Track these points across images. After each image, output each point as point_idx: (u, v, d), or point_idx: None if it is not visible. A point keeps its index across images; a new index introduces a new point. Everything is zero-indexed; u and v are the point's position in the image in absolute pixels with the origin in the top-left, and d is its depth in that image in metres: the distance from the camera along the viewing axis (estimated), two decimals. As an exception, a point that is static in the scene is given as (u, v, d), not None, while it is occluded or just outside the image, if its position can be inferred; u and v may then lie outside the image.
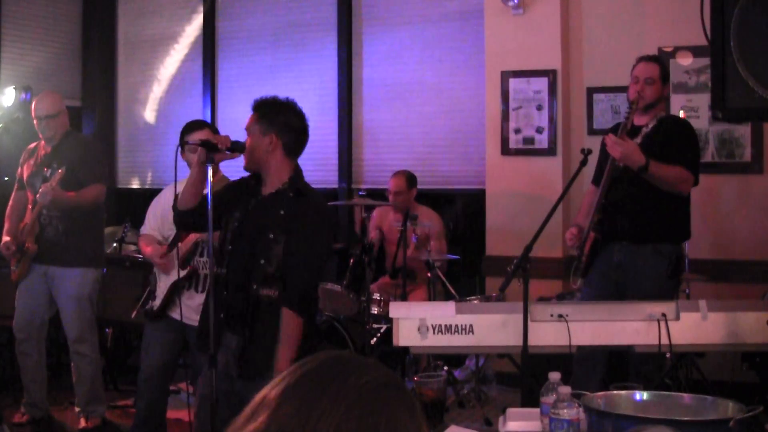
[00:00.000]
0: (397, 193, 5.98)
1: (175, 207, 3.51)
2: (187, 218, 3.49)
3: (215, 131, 4.39)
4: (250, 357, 3.27)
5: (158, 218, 4.39)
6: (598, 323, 3.61)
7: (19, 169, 5.24)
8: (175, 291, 4.21)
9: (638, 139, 4.38)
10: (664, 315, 3.55)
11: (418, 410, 1.16)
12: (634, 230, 4.39)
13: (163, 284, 4.30)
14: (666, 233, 4.41)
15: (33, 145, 5.27)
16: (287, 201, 3.32)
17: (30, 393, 5.19)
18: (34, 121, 5.09)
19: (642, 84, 4.42)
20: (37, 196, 4.85)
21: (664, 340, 3.50)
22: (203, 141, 3.35)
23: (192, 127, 4.28)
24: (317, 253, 3.34)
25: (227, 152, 3.39)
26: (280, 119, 3.41)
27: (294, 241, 3.27)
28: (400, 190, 5.99)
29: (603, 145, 4.62)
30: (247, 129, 3.40)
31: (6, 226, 5.18)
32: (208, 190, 3.29)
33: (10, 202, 5.26)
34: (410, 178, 6.07)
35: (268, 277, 3.26)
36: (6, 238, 5.11)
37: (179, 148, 4.06)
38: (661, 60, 4.62)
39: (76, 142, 5.18)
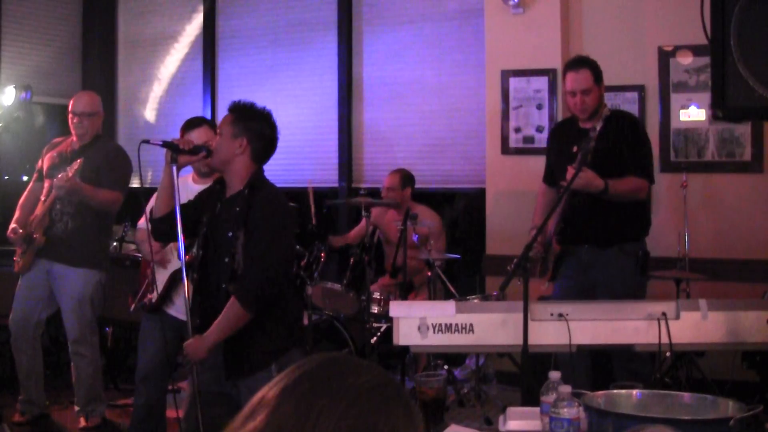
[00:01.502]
0: (389, 188, 5.99)
1: (151, 219, 3.58)
2: (162, 226, 3.53)
3: (215, 129, 4.39)
4: (232, 357, 3.33)
5: None
6: (598, 322, 3.61)
7: (40, 161, 5.24)
8: (173, 284, 4.22)
9: (590, 144, 4.36)
10: (664, 314, 3.54)
11: (415, 411, 1.16)
12: (597, 235, 4.49)
13: (161, 276, 4.30)
14: (628, 233, 4.51)
15: (59, 138, 5.29)
16: (242, 198, 3.37)
17: (26, 390, 5.18)
18: (70, 116, 5.11)
19: (580, 97, 4.44)
20: (54, 181, 4.84)
21: (665, 339, 3.50)
22: (166, 142, 3.45)
23: (191, 124, 4.28)
24: (270, 245, 3.33)
25: (189, 155, 3.47)
26: (254, 126, 3.43)
27: (249, 236, 3.31)
28: (393, 186, 6.00)
29: (549, 147, 4.67)
30: (219, 128, 3.46)
31: (17, 215, 5.17)
32: (176, 192, 3.40)
33: (25, 193, 5.26)
34: (405, 177, 6.06)
35: (233, 274, 3.30)
36: (13, 225, 5.11)
37: (172, 152, 4.08)
38: (590, 61, 4.57)
39: (105, 146, 5.21)
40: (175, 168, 3.40)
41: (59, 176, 4.80)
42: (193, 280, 3.45)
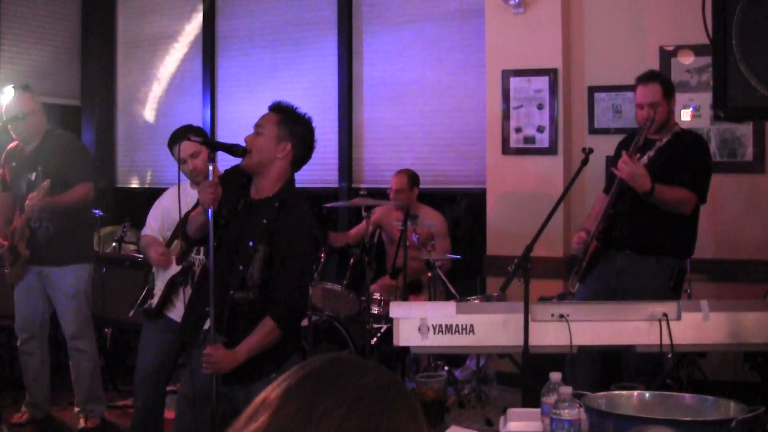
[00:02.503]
0: (398, 190, 5.98)
1: (185, 234, 3.49)
2: (198, 243, 3.61)
3: (204, 136, 4.39)
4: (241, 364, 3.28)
5: (158, 221, 4.41)
6: (599, 323, 3.61)
7: (1, 171, 5.20)
8: (173, 288, 4.23)
9: (651, 152, 4.42)
10: (665, 315, 3.54)
11: (419, 412, 1.16)
12: (638, 241, 4.43)
13: (161, 282, 4.31)
14: (670, 247, 4.45)
15: (12, 145, 5.18)
16: (271, 210, 3.29)
17: (32, 393, 5.19)
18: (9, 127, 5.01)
19: (647, 111, 4.42)
20: (26, 206, 4.82)
21: (666, 340, 3.50)
22: (205, 140, 3.31)
23: (175, 137, 4.29)
24: (305, 269, 3.35)
25: (228, 153, 3.35)
26: (300, 131, 3.37)
27: (278, 254, 3.26)
28: (402, 187, 5.99)
29: (616, 154, 4.63)
30: (262, 127, 3.33)
31: None
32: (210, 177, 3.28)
33: None
34: (412, 177, 6.07)
35: (244, 282, 3.26)
36: None
37: (178, 158, 4.07)
38: (661, 76, 4.60)
39: (57, 142, 5.08)
40: (211, 168, 3.24)
41: (28, 202, 4.76)
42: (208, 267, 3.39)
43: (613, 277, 4.46)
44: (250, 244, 3.26)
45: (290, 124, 3.36)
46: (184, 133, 4.21)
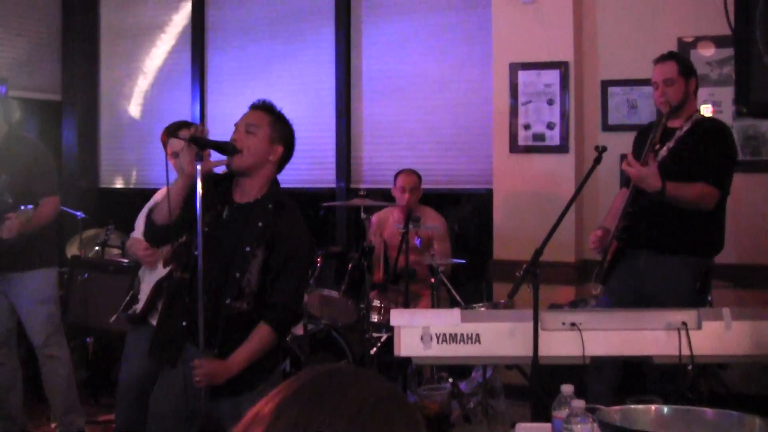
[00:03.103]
0: (411, 189, 5.95)
1: (150, 220, 3.40)
2: (165, 233, 3.37)
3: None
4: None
5: None
6: (613, 332, 3.60)
7: None
8: (159, 292, 4.22)
9: (671, 143, 4.40)
10: (684, 324, 3.53)
11: (421, 426, 1.15)
12: (660, 239, 4.41)
13: (146, 285, 4.31)
14: (695, 245, 4.42)
15: None
16: (266, 213, 3.33)
17: (4, 405, 5.17)
18: None
19: (662, 88, 4.42)
20: (2, 234, 4.77)
21: (685, 351, 3.49)
22: (192, 137, 3.28)
23: (170, 130, 4.29)
24: (302, 274, 3.42)
25: (218, 151, 3.35)
26: (289, 134, 3.46)
27: (277, 258, 3.29)
28: (414, 185, 5.98)
29: (633, 148, 4.62)
30: (255, 127, 3.36)
31: None
32: (197, 194, 3.21)
33: None
34: (419, 176, 6.07)
35: (242, 291, 3.28)
36: None
37: (168, 153, 4.07)
38: (678, 55, 4.61)
39: (23, 148, 5.00)
40: (199, 165, 3.21)
41: (4, 228, 4.72)
42: (184, 280, 3.37)
43: (636, 278, 4.45)
44: (247, 249, 3.29)
45: (281, 126, 3.43)
46: (179, 127, 4.25)
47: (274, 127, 3.40)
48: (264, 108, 3.45)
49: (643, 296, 4.41)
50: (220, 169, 3.54)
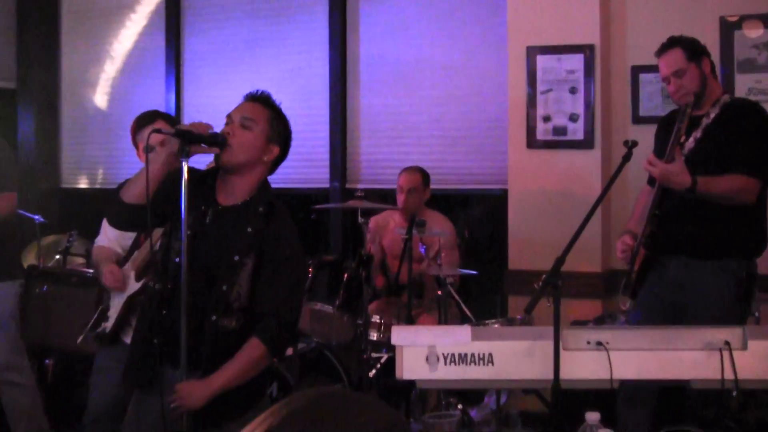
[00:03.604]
0: (411, 190, 5.97)
1: (117, 197, 3.32)
2: (131, 214, 3.29)
3: (173, 123, 4.39)
4: (210, 401, 3.25)
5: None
6: (645, 353, 3.59)
7: None
8: (132, 308, 4.22)
9: (698, 133, 4.39)
10: (728, 343, 3.53)
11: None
12: (693, 244, 4.40)
13: (117, 300, 4.31)
14: (734, 246, 4.40)
15: None
16: (256, 217, 3.34)
17: None
18: None
19: (674, 81, 4.43)
20: None
21: (729, 374, 3.48)
22: (178, 130, 3.25)
23: (142, 121, 4.30)
24: (298, 284, 3.43)
25: (203, 145, 3.33)
26: (287, 134, 3.49)
27: (268, 263, 3.29)
28: (415, 186, 5.99)
29: (655, 141, 4.62)
30: (251, 121, 3.37)
31: None
32: (182, 191, 3.19)
33: None
34: (425, 175, 6.08)
35: (231, 306, 3.27)
36: None
37: (144, 147, 4.06)
38: (680, 39, 4.56)
39: None
40: (185, 162, 3.18)
41: None
42: (163, 291, 3.34)
43: (668, 289, 4.45)
44: (236, 258, 3.29)
45: (280, 124, 3.45)
46: (151, 118, 4.26)
47: (272, 124, 3.42)
48: (263, 101, 3.46)
49: (678, 309, 4.41)
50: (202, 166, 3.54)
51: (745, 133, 4.38)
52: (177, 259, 3.29)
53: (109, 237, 4.43)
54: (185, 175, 3.18)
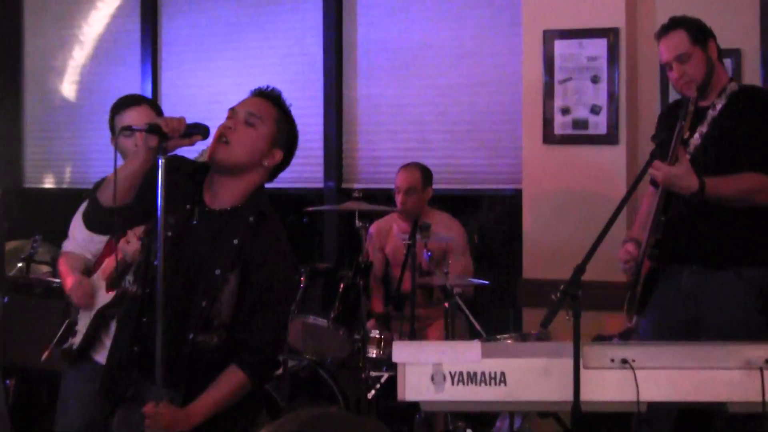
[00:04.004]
0: (408, 190, 5.98)
1: (95, 199, 3.31)
2: (102, 218, 3.30)
3: (158, 110, 4.39)
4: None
5: (85, 231, 4.39)
6: (676, 372, 3.59)
7: None
8: (102, 322, 4.22)
9: (704, 127, 4.37)
10: None
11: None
12: (707, 252, 4.39)
13: (86, 313, 4.30)
14: (751, 253, 4.39)
15: None
16: (244, 227, 3.31)
17: None
18: None
19: (677, 67, 4.41)
20: None
21: (769, 396, 3.49)
22: (152, 125, 3.27)
23: (124, 104, 4.28)
24: (284, 304, 3.41)
25: (184, 139, 3.32)
26: (294, 139, 3.48)
27: (254, 287, 3.28)
28: (413, 185, 5.99)
29: (656, 136, 4.60)
30: (257, 118, 3.36)
31: None
32: (159, 194, 3.17)
33: None
34: (426, 173, 6.09)
35: (210, 323, 3.27)
36: None
37: (115, 136, 4.05)
38: (684, 20, 4.56)
39: None
40: (161, 161, 3.16)
41: None
42: (142, 295, 3.34)
43: (680, 303, 4.44)
44: (217, 272, 3.27)
45: (287, 127, 3.45)
46: (134, 102, 4.27)
47: (279, 125, 3.40)
48: (272, 98, 3.46)
49: (693, 325, 4.40)
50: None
51: (758, 125, 4.37)
52: (156, 262, 3.30)
53: (78, 241, 4.42)
54: (161, 175, 3.16)
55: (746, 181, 4.29)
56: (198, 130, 3.26)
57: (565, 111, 6.03)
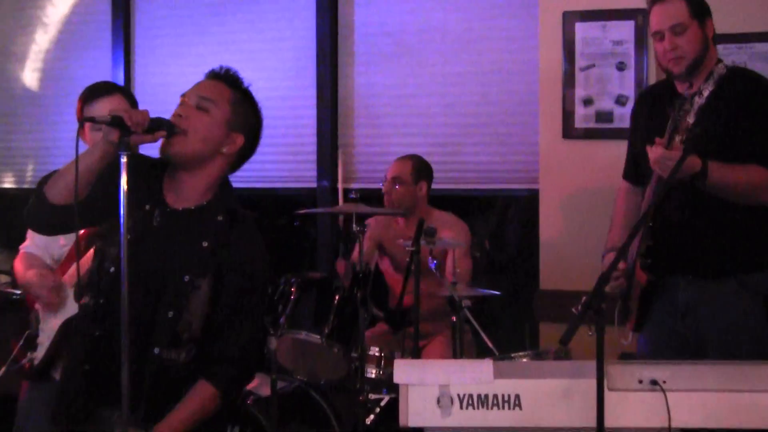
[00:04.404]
0: (394, 179, 6.01)
1: (41, 193, 3.29)
2: (57, 215, 3.26)
3: (132, 100, 4.39)
4: None
5: None
6: (713, 395, 3.58)
7: None
8: (68, 335, 4.21)
9: (690, 118, 4.28)
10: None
11: None
12: (704, 260, 4.41)
13: (49, 326, 4.30)
14: (753, 257, 4.42)
15: None
16: (214, 227, 3.35)
17: None
18: None
19: (669, 38, 4.40)
20: None
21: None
22: (114, 117, 3.27)
23: (95, 92, 4.28)
24: (257, 310, 3.44)
25: (147, 134, 3.33)
26: (256, 121, 3.51)
27: (226, 293, 3.31)
28: (399, 175, 6.05)
29: (633, 124, 4.62)
30: (210, 102, 3.39)
31: None
32: (121, 191, 3.15)
33: None
34: (420, 167, 6.13)
35: (178, 337, 3.29)
36: None
37: (80, 128, 4.05)
38: None
39: None
40: (124, 157, 3.15)
41: None
42: (95, 306, 3.35)
43: (680, 319, 4.46)
44: (186, 278, 3.29)
45: (246, 108, 3.48)
46: (105, 90, 4.29)
47: (235, 107, 3.43)
48: (226, 79, 3.47)
49: (691, 341, 4.43)
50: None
51: (756, 114, 4.37)
52: (112, 269, 3.29)
53: (37, 243, 4.43)
54: (124, 171, 3.15)
55: (753, 173, 4.29)
56: (161, 126, 3.28)
57: (588, 102, 6.04)
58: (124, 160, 3.17)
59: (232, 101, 3.43)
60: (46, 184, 3.29)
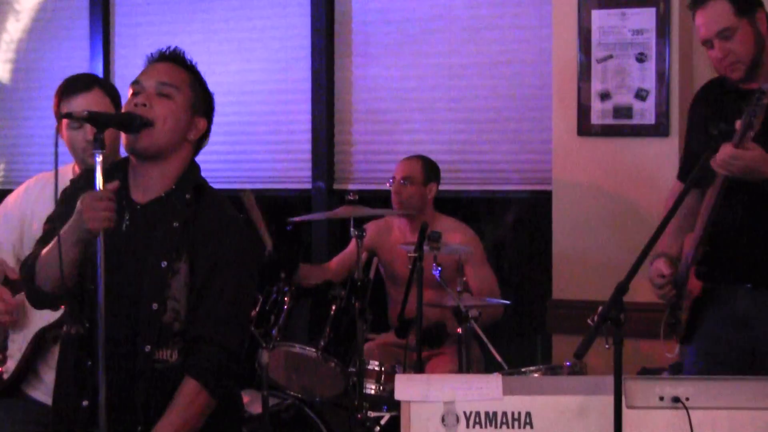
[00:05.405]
0: (405, 179, 5.99)
1: (33, 285, 3.45)
2: (51, 301, 3.52)
3: (114, 94, 4.39)
4: None
5: (13, 232, 4.39)
6: (739, 413, 3.60)
7: None
8: (41, 347, 4.21)
9: (763, 101, 4.30)
10: None
11: None
12: (761, 267, 4.40)
13: (19, 336, 4.29)
14: None
15: None
16: (182, 205, 3.38)
17: None
18: None
19: (719, 45, 4.39)
20: None
21: None
22: (92, 114, 3.29)
23: (74, 86, 4.29)
24: (238, 282, 3.41)
25: (120, 129, 3.38)
26: (211, 104, 3.55)
27: (200, 267, 3.33)
28: (410, 175, 6.03)
29: (690, 123, 4.60)
30: (171, 88, 3.41)
31: None
32: (97, 183, 3.22)
33: None
34: (429, 166, 6.12)
35: (167, 329, 3.30)
36: None
37: (58, 125, 4.06)
38: None
39: None
40: (99, 156, 3.19)
41: None
42: (79, 335, 3.38)
43: (736, 330, 4.44)
44: (163, 264, 3.32)
45: (203, 90, 3.52)
46: (84, 84, 4.28)
47: (195, 90, 3.47)
48: (181, 61, 3.51)
49: (747, 355, 4.42)
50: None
51: None
52: (91, 287, 3.32)
53: (2, 246, 4.41)
54: (99, 170, 3.21)
55: None
56: (134, 119, 3.33)
57: (605, 96, 6.05)
58: (99, 158, 3.22)
59: (190, 83, 3.46)
60: (33, 272, 3.42)
